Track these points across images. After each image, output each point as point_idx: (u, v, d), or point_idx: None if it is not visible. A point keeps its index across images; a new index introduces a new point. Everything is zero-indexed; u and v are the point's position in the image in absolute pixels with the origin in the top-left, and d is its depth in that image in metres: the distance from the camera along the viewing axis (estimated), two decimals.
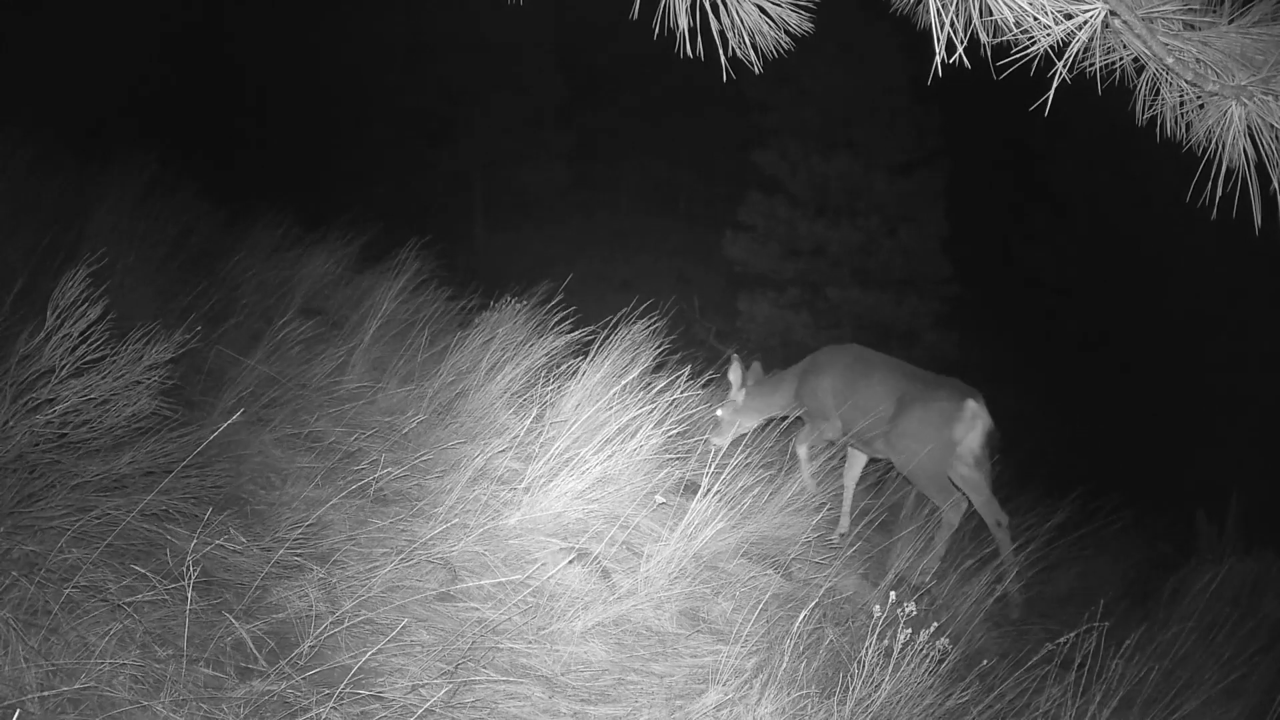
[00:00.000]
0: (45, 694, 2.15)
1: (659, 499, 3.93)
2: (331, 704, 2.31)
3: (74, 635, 2.33)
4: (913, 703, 2.93)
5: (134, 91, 11.45)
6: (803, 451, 4.72)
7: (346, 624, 2.66)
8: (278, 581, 2.81)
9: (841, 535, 4.73)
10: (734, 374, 4.93)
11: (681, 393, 4.24)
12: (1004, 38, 2.00)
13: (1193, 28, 2.05)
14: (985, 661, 3.53)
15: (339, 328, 5.14)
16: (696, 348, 6.10)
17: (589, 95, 19.94)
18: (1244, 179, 2.05)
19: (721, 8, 2.10)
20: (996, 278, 15.84)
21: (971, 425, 4.42)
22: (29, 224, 4.97)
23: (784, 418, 5.10)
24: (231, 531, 2.87)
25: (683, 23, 2.08)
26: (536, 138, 18.63)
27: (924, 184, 13.86)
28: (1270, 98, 1.99)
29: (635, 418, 3.97)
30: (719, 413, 4.96)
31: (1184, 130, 2.14)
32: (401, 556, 3.06)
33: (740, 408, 4.96)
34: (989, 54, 2.05)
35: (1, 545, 2.49)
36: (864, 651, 2.88)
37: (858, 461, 4.88)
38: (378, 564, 3.00)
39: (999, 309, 15.61)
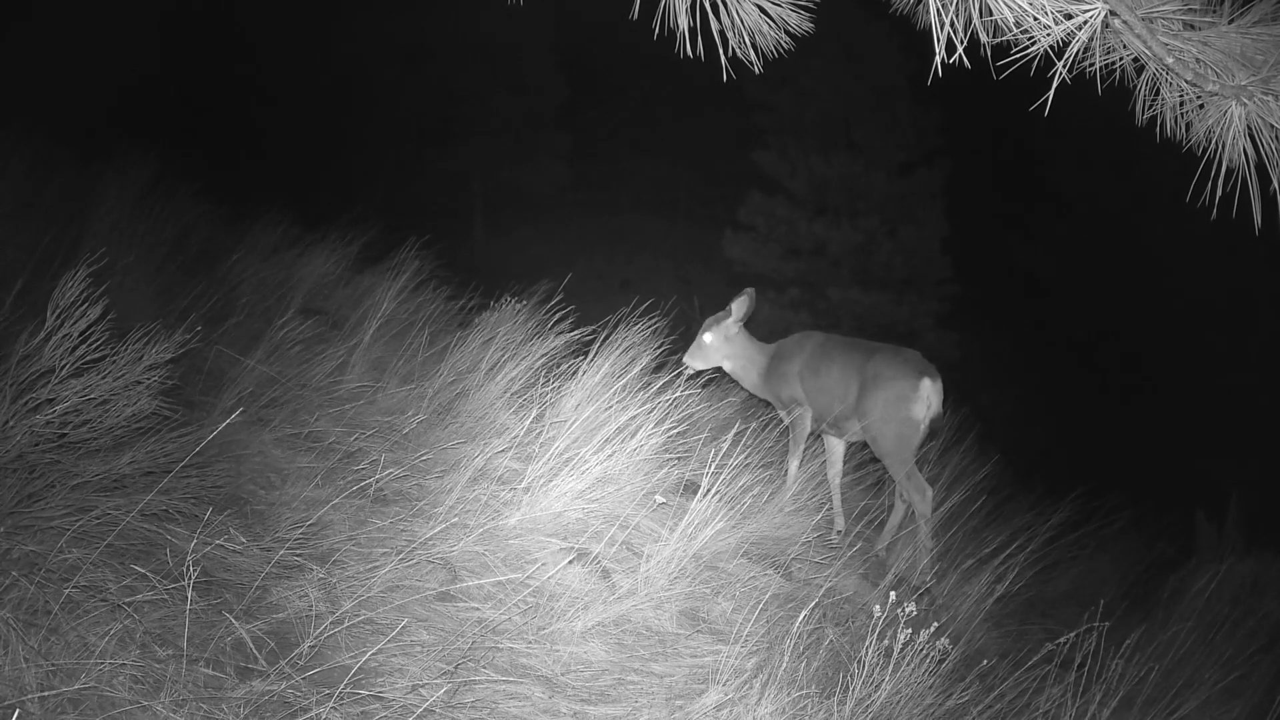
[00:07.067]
0: (45, 694, 2.15)
1: (659, 499, 3.93)
2: (331, 704, 2.31)
3: (74, 635, 2.33)
4: (913, 703, 2.93)
5: (134, 91, 11.44)
6: (794, 466, 4.73)
7: (346, 624, 2.65)
8: (278, 581, 2.81)
9: (839, 534, 4.73)
10: (739, 305, 4.89)
11: (681, 392, 4.24)
12: (1004, 38, 2.00)
13: (1193, 28, 2.05)
14: (985, 661, 3.53)
15: (339, 328, 5.14)
16: None
17: (589, 95, 19.91)
18: (1244, 179, 2.06)
19: (721, 8, 2.10)
20: (996, 278, 15.83)
21: (928, 404, 4.42)
22: (29, 224, 4.97)
23: (778, 424, 5.10)
24: (231, 531, 2.87)
25: (683, 23, 2.08)
26: (536, 138, 18.59)
27: (924, 184, 13.85)
28: (1270, 98, 1.99)
29: (635, 417, 3.97)
30: (707, 337, 4.93)
31: (1184, 130, 2.14)
32: (401, 556, 3.06)
33: (730, 338, 4.96)
34: (989, 54, 2.06)
35: (1, 545, 2.49)
36: (864, 651, 2.88)
37: (836, 456, 4.88)
38: (378, 564, 3.00)
39: (999, 309, 15.59)
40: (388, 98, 16.91)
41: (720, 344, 4.96)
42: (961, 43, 1.98)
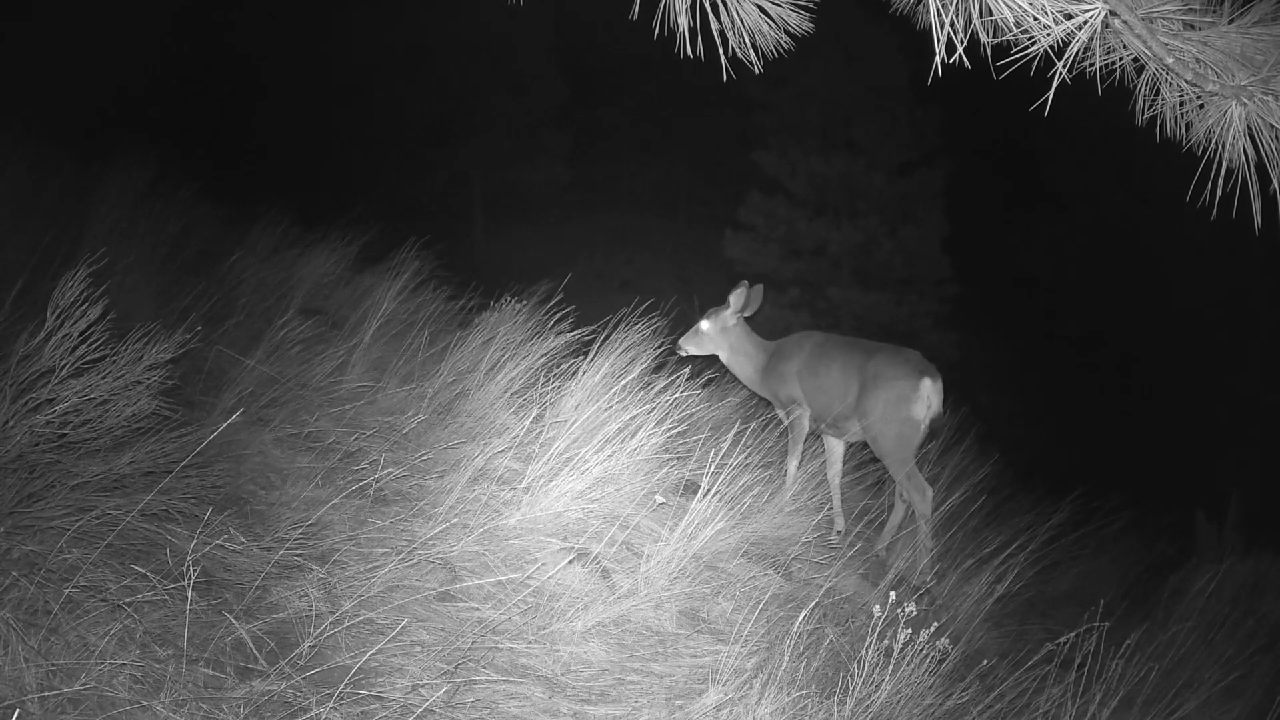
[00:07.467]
0: (45, 694, 2.15)
1: (659, 499, 3.93)
2: (331, 704, 2.31)
3: (74, 635, 2.33)
4: (913, 703, 2.93)
5: (134, 91, 11.44)
6: (793, 466, 4.74)
7: (346, 624, 2.66)
8: (278, 581, 2.82)
9: (839, 534, 4.73)
10: (737, 297, 4.92)
11: (681, 393, 4.24)
12: (1004, 38, 2.00)
13: (1193, 28, 2.05)
14: (985, 661, 3.53)
15: (339, 328, 5.14)
16: None
17: (589, 95, 19.92)
18: (1244, 179, 2.06)
19: (721, 8, 2.10)
20: (996, 278, 15.84)
21: (928, 404, 4.42)
22: (29, 224, 4.97)
23: (778, 424, 5.10)
24: (231, 531, 2.87)
25: (683, 23, 2.08)
26: (536, 138, 18.60)
27: (924, 184, 13.85)
28: (1270, 98, 1.99)
29: (635, 417, 3.97)
30: (704, 324, 4.99)
31: (1184, 130, 2.14)
32: (401, 556, 3.06)
33: (726, 329, 4.98)
34: (989, 54, 2.05)
35: (1, 545, 2.49)
36: (864, 651, 2.88)
37: (836, 456, 4.89)
38: (378, 564, 3.00)
39: (999, 309, 15.59)
40: (388, 97, 16.91)
41: (716, 334, 4.98)
42: (961, 43, 1.98)
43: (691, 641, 3.27)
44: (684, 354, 5.01)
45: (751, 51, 2.14)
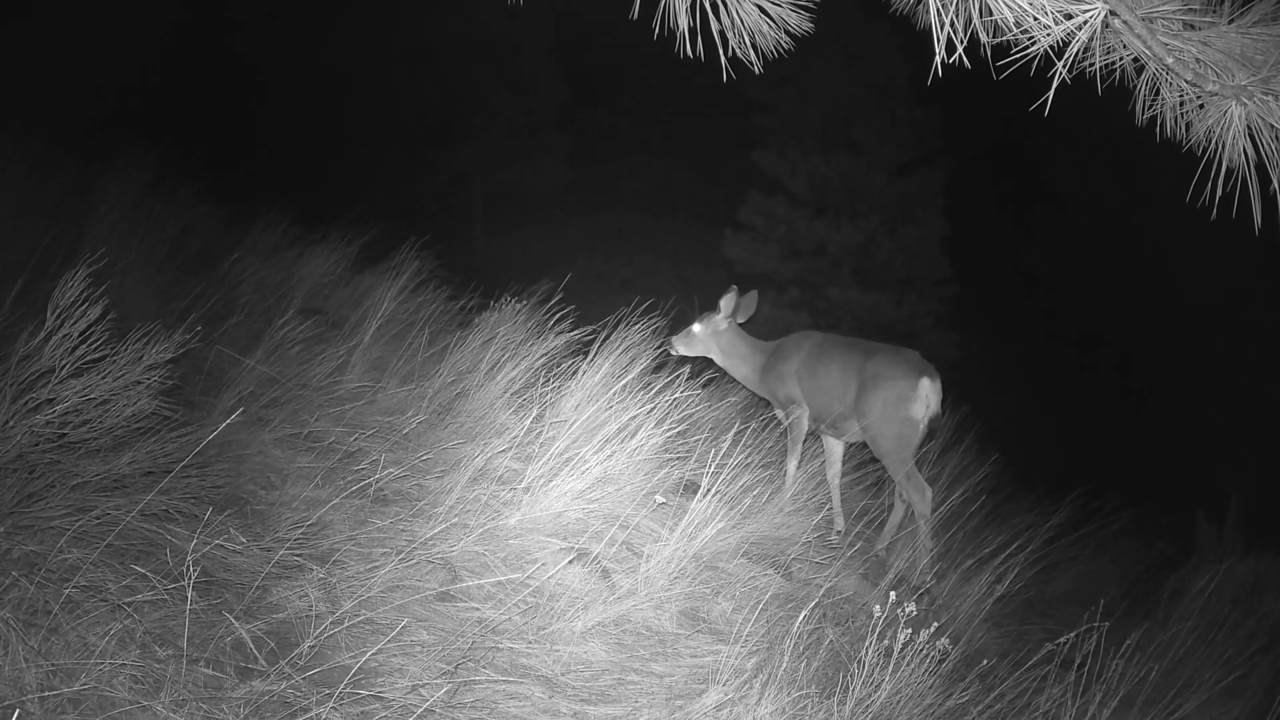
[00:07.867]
0: (45, 694, 2.15)
1: (659, 499, 3.93)
2: (331, 704, 2.31)
3: (74, 635, 2.33)
4: (913, 703, 2.93)
5: (134, 92, 11.45)
6: (792, 466, 4.74)
7: (346, 624, 2.66)
8: (278, 581, 2.82)
9: (839, 534, 4.73)
10: (727, 302, 4.97)
11: (681, 393, 4.24)
12: (1004, 38, 2.00)
13: (1193, 28, 2.05)
14: (985, 661, 3.53)
15: (339, 328, 5.14)
16: None
17: (589, 95, 19.92)
18: (1244, 179, 2.06)
19: (721, 8, 2.10)
20: (996, 278, 15.83)
21: (927, 403, 4.43)
22: (29, 224, 4.97)
23: (778, 424, 5.11)
24: (231, 531, 2.87)
25: (683, 23, 2.08)
26: (536, 138, 18.60)
27: (924, 184, 13.86)
28: (1270, 98, 1.99)
29: (635, 417, 3.97)
30: (695, 327, 5.04)
31: (1184, 130, 2.14)
32: (401, 556, 3.06)
33: (718, 333, 5.02)
34: (989, 54, 2.06)
35: (1, 545, 2.49)
36: (864, 651, 2.88)
37: (835, 456, 4.89)
38: (378, 564, 3.00)
39: (999, 309, 15.59)
40: (388, 97, 16.91)
41: (706, 337, 5.02)
42: (961, 43, 1.98)
43: (691, 641, 3.27)
44: (674, 353, 5.03)
45: (751, 51, 2.14)
